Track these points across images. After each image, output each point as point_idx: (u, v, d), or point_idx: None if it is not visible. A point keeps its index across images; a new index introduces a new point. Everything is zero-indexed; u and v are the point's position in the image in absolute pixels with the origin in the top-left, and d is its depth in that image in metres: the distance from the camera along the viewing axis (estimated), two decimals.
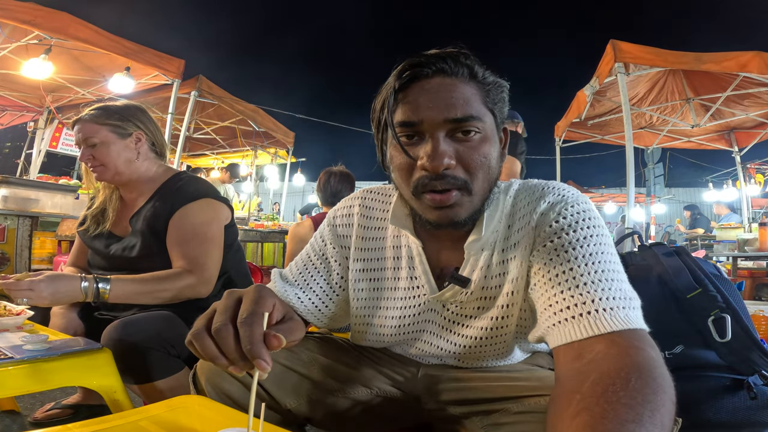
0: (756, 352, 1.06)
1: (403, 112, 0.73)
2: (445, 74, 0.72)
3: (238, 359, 0.59)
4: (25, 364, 0.96)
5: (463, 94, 0.72)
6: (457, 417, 0.83)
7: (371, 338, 0.93)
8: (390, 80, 0.75)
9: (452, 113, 0.70)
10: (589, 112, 5.87)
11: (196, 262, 1.35)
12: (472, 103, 0.72)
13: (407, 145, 0.74)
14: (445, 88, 0.72)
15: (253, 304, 0.63)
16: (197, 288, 1.34)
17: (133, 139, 1.46)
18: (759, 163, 8.21)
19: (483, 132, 0.73)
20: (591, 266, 0.67)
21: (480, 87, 0.74)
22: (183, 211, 1.40)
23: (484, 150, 0.73)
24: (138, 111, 1.51)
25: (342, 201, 0.98)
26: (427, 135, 0.72)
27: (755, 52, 3.97)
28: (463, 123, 0.71)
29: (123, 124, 1.46)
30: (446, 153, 0.70)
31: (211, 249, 1.40)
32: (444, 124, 0.71)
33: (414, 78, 0.73)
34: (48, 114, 6.56)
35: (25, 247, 2.69)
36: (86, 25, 4.16)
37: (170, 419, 0.69)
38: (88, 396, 1.64)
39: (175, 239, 1.38)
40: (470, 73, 0.73)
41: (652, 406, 0.48)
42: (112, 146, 1.43)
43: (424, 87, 0.72)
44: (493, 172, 0.75)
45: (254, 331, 0.59)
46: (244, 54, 52.94)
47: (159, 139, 1.55)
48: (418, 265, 0.85)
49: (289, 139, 7.81)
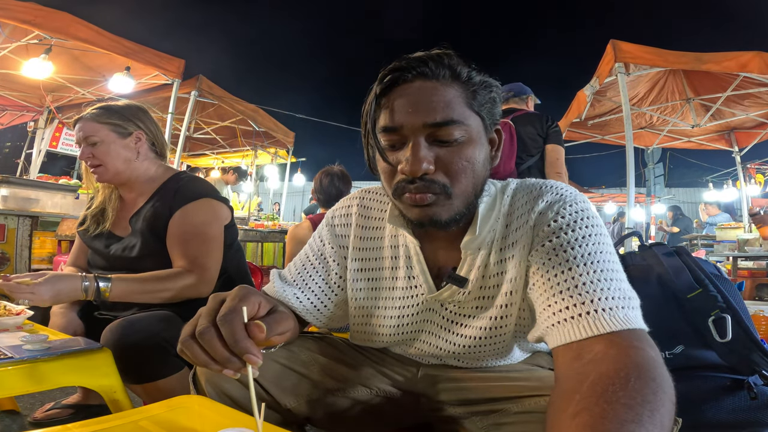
0: (756, 352, 1.06)
1: (384, 117, 0.73)
2: (425, 77, 0.72)
3: (227, 360, 0.58)
4: (25, 364, 0.96)
5: (444, 97, 0.71)
6: (457, 417, 0.83)
7: (370, 338, 0.93)
8: (374, 85, 0.75)
9: (431, 117, 0.70)
10: (589, 112, 5.87)
11: (197, 261, 1.35)
12: (454, 106, 0.71)
13: (390, 150, 0.74)
14: (425, 92, 0.71)
15: (232, 302, 0.62)
16: (198, 287, 1.33)
17: (133, 139, 1.46)
18: (759, 163, 8.21)
19: (467, 135, 0.72)
20: (590, 266, 0.67)
21: (464, 88, 0.73)
22: (183, 210, 1.40)
23: (467, 153, 0.73)
24: (139, 111, 1.52)
25: (340, 201, 0.98)
26: (408, 140, 0.72)
27: (755, 52, 3.97)
28: (444, 127, 0.70)
29: (123, 124, 1.46)
30: (425, 158, 0.70)
31: (212, 249, 1.40)
32: (423, 128, 0.71)
33: (395, 82, 0.73)
34: (48, 114, 6.56)
35: (25, 247, 2.69)
36: (86, 25, 4.16)
37: (170, 419, 0.69)
38: (87, 396, 1.64)
39: (176, 239, 1.38)
40: (453, 74, 0.73)
41: (651, 406, 0.48)
42: (112, 145, 1.43)
43: (405, 91, 0.72)
44: (478, 174, 0.75)
45: (235, 327, 0.58)
46: (246, 54, 53.14)
47: (159, 139, 1.55)
48: (415, 264, 0.85)
49: (289, 139, 7.81)
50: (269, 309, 0.69)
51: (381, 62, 0.75)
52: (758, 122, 5.95)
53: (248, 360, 0.57)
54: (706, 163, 11.24)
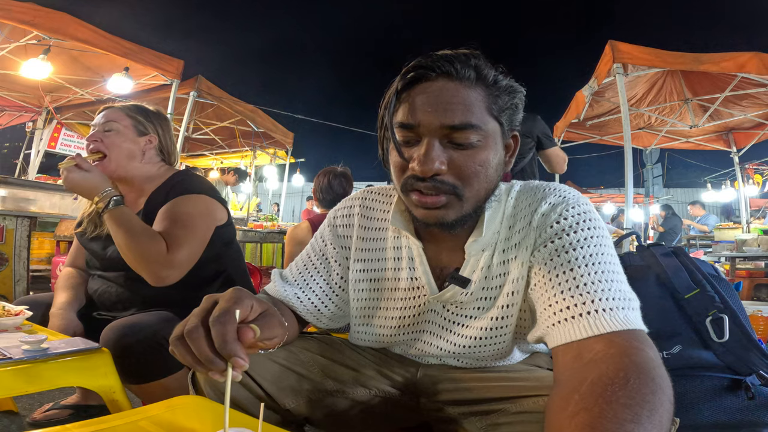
0: (754, 352, 1.06)
1: (403, 113, 0.73)
2: (449, 77, 0.71)
3: (210, 361, 0.56)
4: (24, 365, 0.96)
5: (465, 99, 0.71)
6: (456, 417, 0.83)
7: (371, 338, 0.93)
8: (396, 79, 0.74)
9: (449, 119, 0.70)
10: (588, 113, 5.87)
11: (174, 240, 1.28)
12: (474, 110, 0.71)
13: (405, 146, 0.74)
14: (446, 92, 0.71)
15: (226, 304, 0.60)
16: (164, 264, 1.25)
17: (145, 140, 1.48)
18: (757, 163, 8.22)
19: (483, 140, 0.72)
20: (591, 267, 0.67)
21: (487, 92, 0.73)
22: (175, 200, 1.38)
23: (481, 158, 0.72)
24: (161, 117, 1.55)
25: (342, 201, 0.98)
26: (423, 138, 0.72)
27: (754, 53, 3.97)
28: (461, 130, 0.70)
29: (145, 122, 1.49)
30: (437, 159, 0.70)
31: (192, 238, 1.32)
32: (440, 129, 0.70)
33: (418, 79, 0.72)
34: (47, 114, 6.55)
35: (23, 248, 2.68)
36: (85, 26, 4.15)
37: (169, 419, 0.69)
38: (87, 396, 1.63)
39: (160, 219, 1.35)
40: (478, 76, 0.72)
41: (650, 406, 0.48)
42: (124, 137, 1.45)
43: (427, 90, 0.71)
44: (491, 179, 0.75)
45: (226, 329, 0.56)
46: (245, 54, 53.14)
47: (170, 147, 1.56)
48: (418, 265, 0.85)
49: (288, 139, 7.80)
50: (260, 312, 0.66)
51: (379, 63, 0.75)
52: (756, 123, 5.96)
53: (235, 363, 0.55)
54: (704, 163, 11.26)
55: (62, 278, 1.52)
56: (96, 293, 1.45)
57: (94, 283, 1.48)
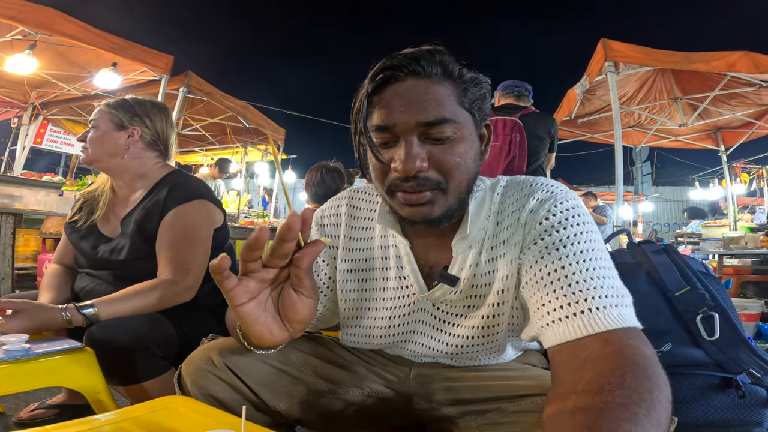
0: (744, 350, 1.06)
1: (377, 116, 0.73)
2: (417, 75, 0.72)
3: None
4: (5, 365, 0.93)
5: (436, 95, 0.71)
6: (451, 417, 0.83)
7: (362, 340, 0.92)
8: (365, 83, 0.74)
9: (424, 116, 0.70)
10: (579, 111, 5.90)
11: (182, 268, 1.31)
12: (446, 104, 0.72)
13: (383, 148, 0.74)
14: (417, 90, 0.71)
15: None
16: (181, 295, 1.31)
17: (126, 134, 1.45)
18: (745, 162, 8.31)
19: (458, 132, 0.73)
20: (582, 264, 0.67)
21: (456, 86, 0.74)
22: (176, 212, 1.37)
23: (460, 150, 0.73)
24: (149, 107, 1.51)
25: (329, 201, 0.97)
26: (400, 138, 0.72)
27: (744, 52, 4.02)
28: (436, 125, 0.71)
29: (123, 117, 1.46)
30: (418, 156, 0.70)
31: (199, 253, 1.36)
32: (416, 127, 0.71)
33: (387, 81, 0.73)
34: (32, 110, 6.45)
35: (8, 246, 2.63)
36: (72, 21, 4.09)
37: (153, 420, 0.68)
38: (73, 396, 1.61)
39: (165, 242, 1.35)
40: (444, 71, 0.73)
41: (648, 405, 0.48)
42: (104, 134, 1.43)
43: (398, 90, 0.72)
44: (470, 170, 0.75)
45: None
46: (234, 49, 52.53)
47: (164, 138, 1.53)
48: (406, 264, 0.84)
49: (280, 135, 7.75)
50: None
51: (370, 58, 0.75)
52: (744, 122, 6.03)
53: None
54: (692, 161, 11.35)
55: (47, 276, 1.49)
56: (83, 291, 1.42)
57: (82, 281, 1.45)
